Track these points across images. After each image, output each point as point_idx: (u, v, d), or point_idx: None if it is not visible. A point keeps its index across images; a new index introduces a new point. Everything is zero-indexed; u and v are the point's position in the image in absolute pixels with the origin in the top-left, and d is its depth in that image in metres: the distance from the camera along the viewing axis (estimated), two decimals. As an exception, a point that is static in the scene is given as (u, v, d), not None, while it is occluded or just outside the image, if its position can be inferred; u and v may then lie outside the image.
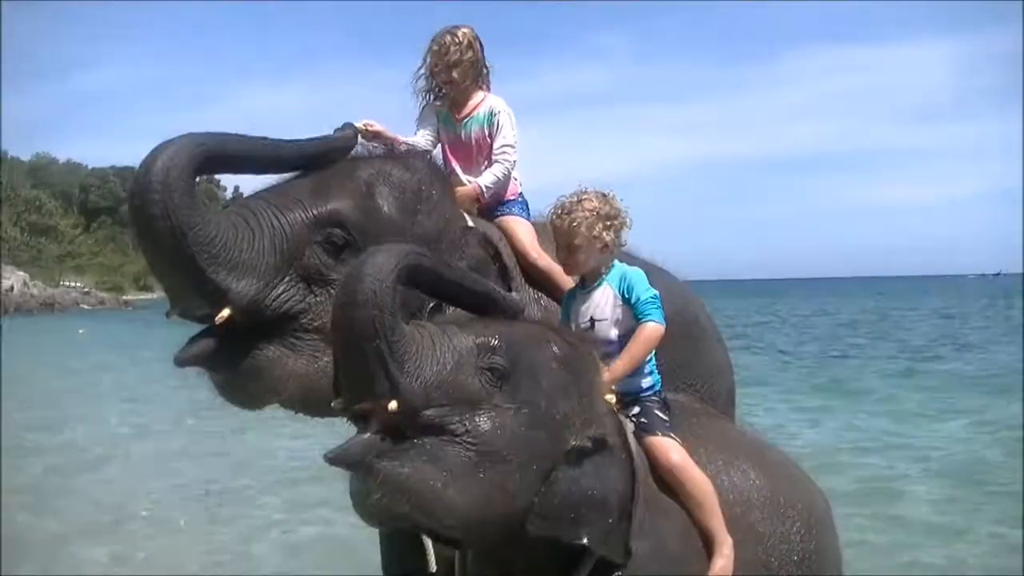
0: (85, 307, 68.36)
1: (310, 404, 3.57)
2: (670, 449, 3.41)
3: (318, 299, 3.50)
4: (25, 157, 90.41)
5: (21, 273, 66.54)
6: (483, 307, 3.23)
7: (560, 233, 3.57)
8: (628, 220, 3.64)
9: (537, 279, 4.10)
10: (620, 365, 3.44)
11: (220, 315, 3.36)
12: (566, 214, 3.55)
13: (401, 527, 3.16)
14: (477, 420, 2.90)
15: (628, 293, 3.53)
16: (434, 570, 3.71)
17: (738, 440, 3.86)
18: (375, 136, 4.15)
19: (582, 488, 3.04)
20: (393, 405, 2.77)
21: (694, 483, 3.38)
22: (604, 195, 3.61)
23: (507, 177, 4.32)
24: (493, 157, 4.32)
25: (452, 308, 3.35)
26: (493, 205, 4.31)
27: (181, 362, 3.44)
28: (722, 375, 4.82)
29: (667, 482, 3.38)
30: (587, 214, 3.52)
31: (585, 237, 3.52)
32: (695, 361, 4.52)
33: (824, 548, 3.70)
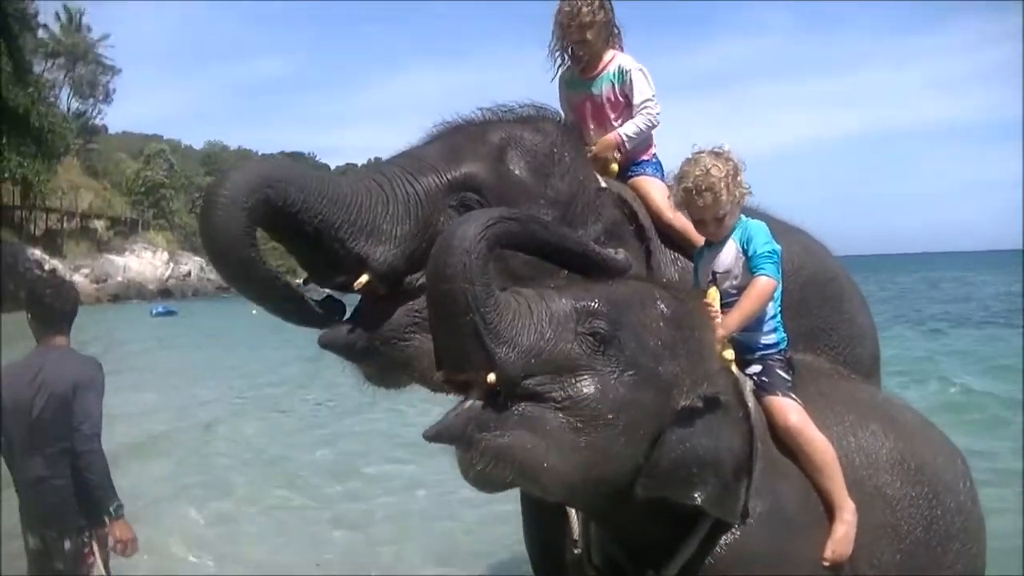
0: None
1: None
2: (789, 410, 3.33)
3: None
4: (198, 146, 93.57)
5: (198, 259, 68.61)
6: (585, 267, 3.16)
7: (705, 210, 3.49)
8: (743, 162, 3.55)
9: (674, 239, 4.02)
10: (732, 319, 3.37)
11: (359, 282, 3.36)
12: (706, 191, 3.45)
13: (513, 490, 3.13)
14: (578, 385, 2.85)
15: (747, 245, 3.47)
16: (576, 536, 3.63)
17: (870, 401, 3.74)
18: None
19: (693, 447, 2.98)
20: (491, 377, 2.75)
21: (813, 446, 3.29)
22: (718, 154, 3.52)
23: (650, 129, 4.26)
24: (635, 111, 4.23)
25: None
26: (626, 165, 4.24)
27: (326, 344, 3.47)
28: (865, 339, 4.62)
29: (786, 443, 3.31)
30: (721, 183, 3.45)
31: (728, 203, 3.46)
32: (836, 323, 4.39)
33: (956, 512, 3.56)
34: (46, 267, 49.67)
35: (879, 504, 3.38)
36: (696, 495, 2.97)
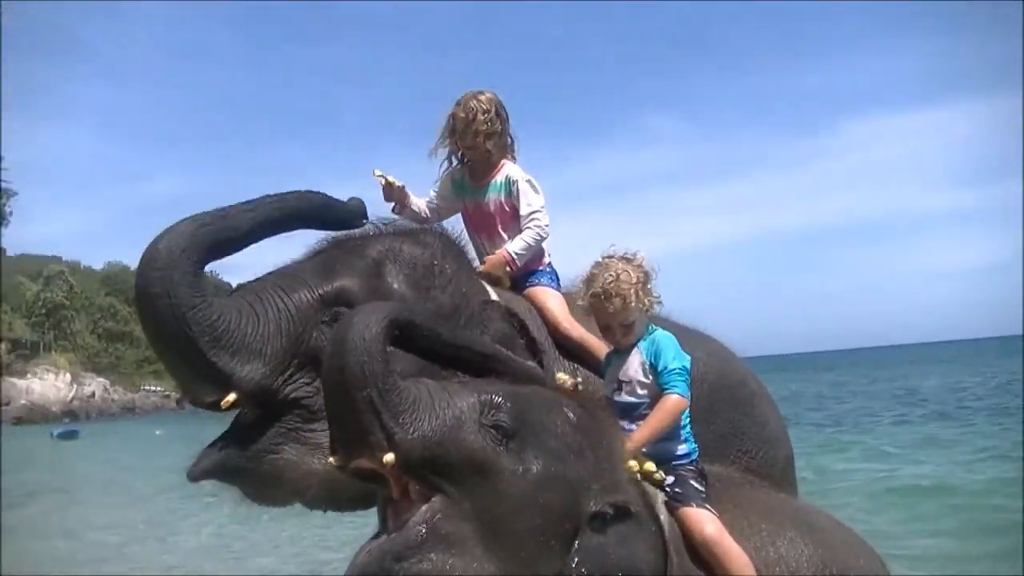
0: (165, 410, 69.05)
1: (336, 501, 3.52)
2: (705, 521, 3.23)
3: None
4: (98, 266, 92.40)
5: (101, 379, 67.96)
6: (492, 371, 3.08)
7: (611, 316, 3.44)
8: (654, 270, 3.53)
9: (572, 350, 3.95)
10: (640, 434, 3.31)
11: (226, 400, 3.29)
12: (615, 297, 3.41)
13: None
14: (482, 482, 2.78)
15: (655, 360, 3.41)
16: None
17: (784, 509, 3.64)
18: (389, 186, 4.18)
19: (608, 557, 2.88)
20: (389, 458, 2.68)
21: (730, 557, 3.19)
22: (629, 259, 3.49)
23: (538, 243, 4.19)
24: (523, 224, 4.18)
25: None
26: (522, 276, 4.18)
27: (194, 477, 3.40)
28: (778, 442, 4.55)
29: (702, 556, 3.20)
30: (630, 288, 3.41)
31: (634, 311, 3.42)
32: (747, 427, 4.32)
33: None
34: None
35: None
36: None
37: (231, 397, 3.28)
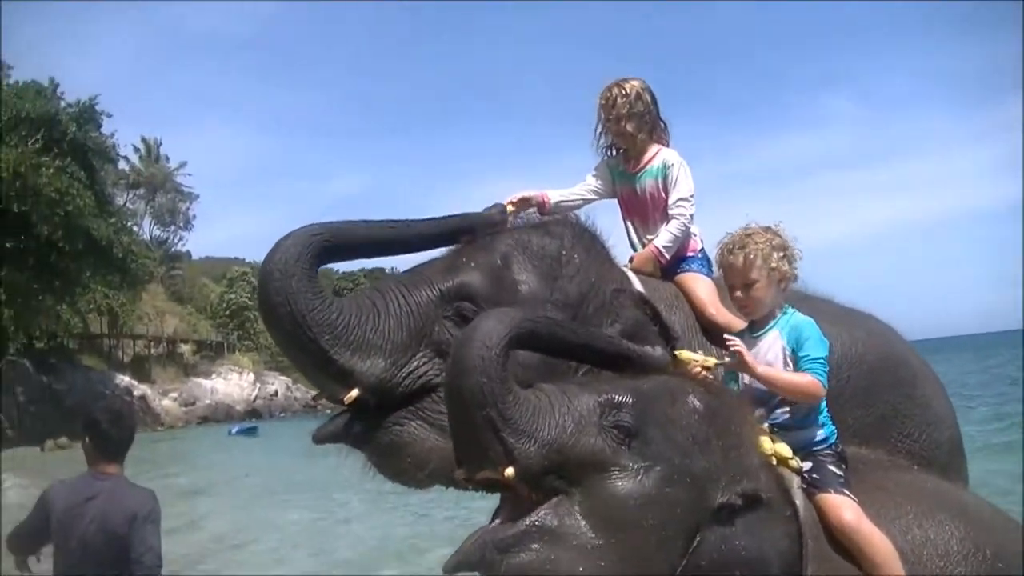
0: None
1: (456, 480, 3.44)
2: (843, 507, 3.19)
3: None
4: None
5: (284, 378, 69.31)
6: (619, 364, 3.12)
7: (734, 271, 3.43)
8: (799, 252, 3.49)
9: (718, 336, 3.85)
10: (769, 371, 3.29)
11: (349, 396, 3.37)
12: (739, 250, 3.41)
13: None
14: (603, 482, 2.78)
15: (797, 346, 3.34)
16: None
17: (933, 492, 3.55)
18: (523, 203, 4.13)
19: (734, 548, 2.86)
20: (510, 472, 2.72)
21: (870, 543, 3.14)
22: (771, 227, 3.47)
23: (684, 232, 4.17)
24: (669, 212, 4.18)
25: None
26: (673, 262, 4.17)
27: (319, 439, 3.48)
28: (942, 424, 4.39)
29: (841, 543, 3.16)
30: (761, 246, 3.39)
31: (762, 270, 3.38)
32: (909, 409, 4.19)
33: None
34: (135, 393, 50.45)
35: None
36: None
37: (354, 393, 3.36)
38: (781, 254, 3.41)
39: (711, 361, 3.31)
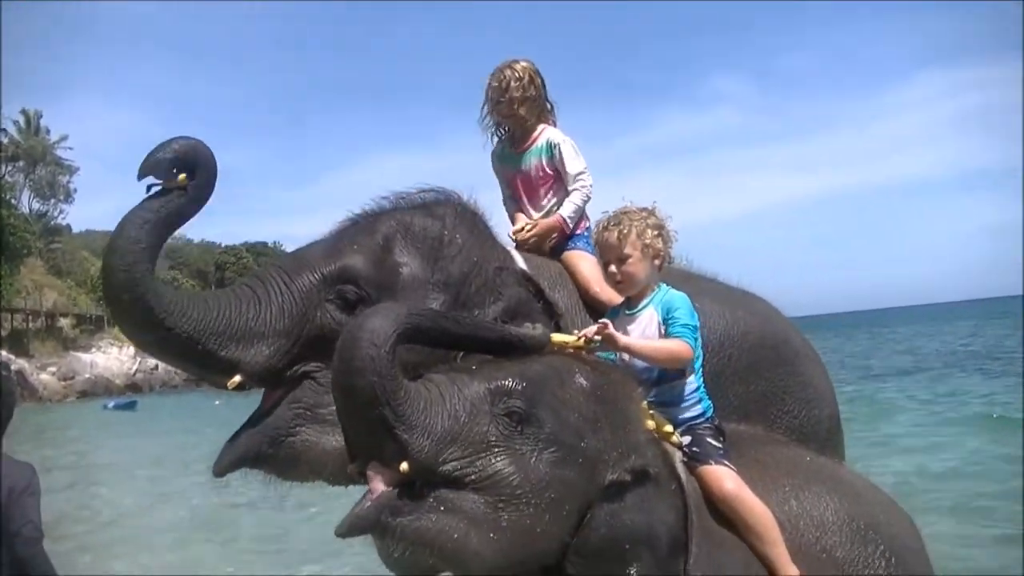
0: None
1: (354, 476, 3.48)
2: (724, 477, 3.24)
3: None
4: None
5: (165, 352, 68.43)
6: (503, 349, 3.10)
7: (609, 247, 3.47)
8: (674, 233, 3.54)
9: (601, 313, 3.87)
10: (635, 342, 3.34)
11: (232, 382, 3.37)
12: (613, 226, 3.46)
13: None
14: (496, 465, 2.80)
15: (667, 315, 3.39)
16: None
17: (809, 464, 3.62)
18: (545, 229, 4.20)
19: (623, 523, 2.91)
20: (404, 467, 2.72)
21: (751, 512, 3.20)
22: (647, 207, 3.51)
23: (586, 203, 4.23)
24: (569, 185, 4.23)
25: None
26: (559, 241, 4.21)
27: (219, 473, 3.46)
28: (822, 401, 4.45)
29: (723, 512, 3.22)
30: (636, 222, 3.43)
31: (636, 245, 3.42)
32: (790, 387, 4.25)
33: (916, 571, 3.47)
34: (12, 367, 49.45)
35: (829, 567, 3.27)
36: (631, 571, 2.90)
37: (237, 378, 3.35)
38: (656, 232, 3.43)
39: (580, 343, 3.24)
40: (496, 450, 2.81)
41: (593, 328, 3.26)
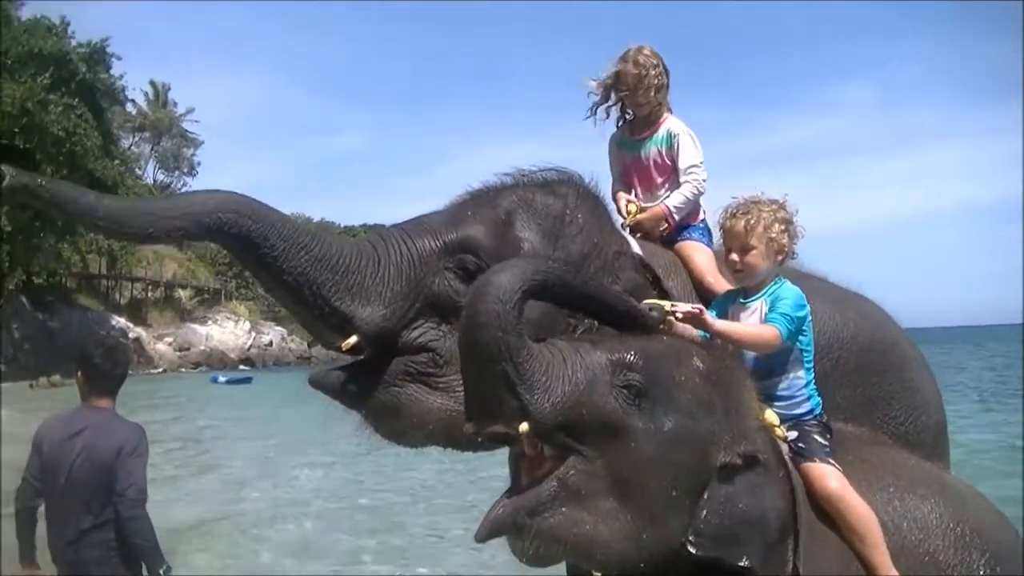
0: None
1: (455, 440, 3.45)
2: (828, 475, 3.25)
3: (450, 327, 3.39)
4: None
5: (279, 328, 69.27)
6: (623, 321, 3.12)
7: (734, 235, 3.45)
8: (801, 229, 3.50)
9: None
10: (723, 324, 3.34)
11: (346, 343, 3.33)
12: (742, 215, 3.43)
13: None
14: (614, 444, 2.82)
15: (774, 303, 3.39)
16: None
17: (916, 468, 3.61)
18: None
19: (737, 507, 2.92)
20: (524, 427, 2.72)
21: (854, 512, 3.20)
22: (777, 200, 3.48)
23: (696, 197, 4.19)
24: (681, 178, 4.19)
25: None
26: (675, 230, 4.17)
27: (314, 383, 3.43)
28: (929, 407, 4.41)
29: (825, 511, 3.22)
30: (764, 214, 3.41)
31: (761, 237, 3.40)
32: (897, 392, 4.21)
33: None
34: (130, 335, 50.55)
35: (931, 570, 3.27)
36: (743, 556, 2.91)
37: (352, 340, 3.31)
38: (783, 227, 3.42)
39: (680, 307, 3.26)
40: (614, 423, 2.82)
41: (688, 306, 3.26)
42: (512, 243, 3.49)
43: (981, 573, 3.30)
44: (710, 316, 3.29)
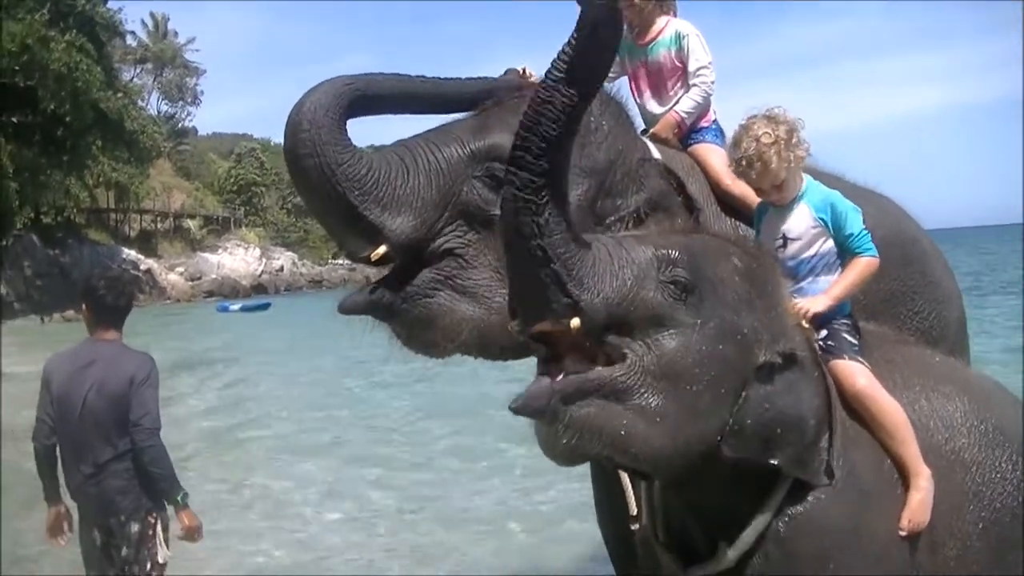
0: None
1: (487, 348, 3.51)
2: (857, 373, 3.21)
3: (479, 236, 3.43)
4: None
5: (290, 253, 69.66)
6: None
7: (759, 180, 3.42)
8: (800, 122, 3.44)
9: (733, 206, 3.92)
10: (836, 290, 3.34)
11: (376, 252, 3.32)
12: (756, 162, 3.37)
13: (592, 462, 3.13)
14: (663, 339, 2.76)
15: (839, 223, 3.40)
16: (635, 512, 3.53)
17: (941, 366, 3.59)
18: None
19: (775, 405, 2.89)
20: (575, 323, 2.65)
21: (883, 410, 3.17)
22: (770, 118, 3.42)
23: (707, 100, 4.19)
24: (690, 81, 4.18)
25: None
26: (687, 133, 4.17)
27: (345, 309, 3.44)
28: (950, 302, 4.45)
29: (855, 409, 3.19)
30: (771, 151, 3.35)
31: (786, 170, 3.37)
32: (919, 287, 4.24)
33: None
34: (141, 267, 50.90)
35: (958, 469, 3.25)
36: (779, 455, 2.90)
37: (381, 249, 3.31)
38: (791, 142, 3.38)
39: (804, 309, 3.23)
40: (661, 318, 2.78)
41: (811, 307, 3.25)
42: None
43: (1005, 469, 3.30)
44: (827, 294, 3.32)
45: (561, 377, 2.69)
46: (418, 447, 11.95)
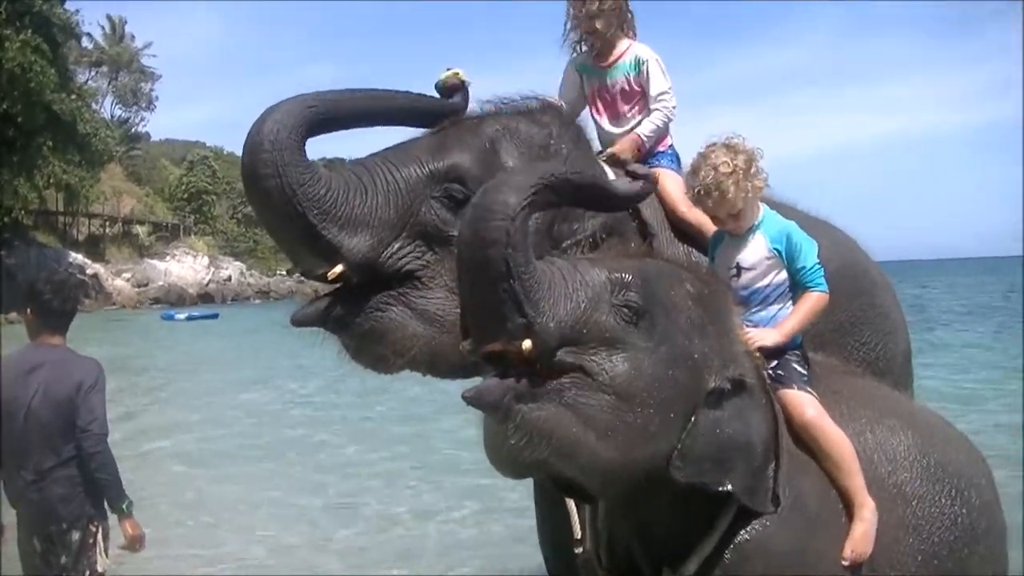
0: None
1: (437, 366, 3.51)
2: (806, 404, 3.27)
3: (436, 256, 3.44)
4: (240, 152, 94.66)
5: (238, 263, 69.23)
6: (607, 202, 3.18)
7: (716, 208, 3.44)
8: (759, 152, 3.47)
9: (687, 233, 3.94)
10: (788, 326, 3.37)
11: (332, 271, 3.33)
12: (713, 191, 3.39)
13: (534, 475, 3.16)
14: (614, 361, 2.78)
15: (793, 255, 3.43)
16: (579, 535, 3.57)
17: (886, 399, 3.66)
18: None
19: (724, 432, 2.94)
20: (527, 345, 2.65)
21: (831, 440, 3.23)
22: (729, 147, 3.45)
23: (667, 124, 4.23)
24: (651, 105, 4.22)
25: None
26: (643, 158, 4.17)
27: (297, 322, 3.44)
28: (897, 334, 4.52)
29: (803, 439, 3.24)
30: (729, 180, 3.37)
31: (743, 199, 3.39)
32: (868, 318, 4.30)
33: (981, 511, 3.47)
34: (88, 271, 50.27)
35: (900, 502, 3.30)
36: (727, 481, 2.93)
37: (338, 268, 3.31)
38: (749, 172, 3.40)
39: (756, 341, 3.27)
40: (614, 341, 2.79)
41: (761, 339, 3.29)
42: (498, 171, 3.43)
43: (945, 504, 3.35)
44: (771, 338, 3.33)
45: (512, 379, 2.68)
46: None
